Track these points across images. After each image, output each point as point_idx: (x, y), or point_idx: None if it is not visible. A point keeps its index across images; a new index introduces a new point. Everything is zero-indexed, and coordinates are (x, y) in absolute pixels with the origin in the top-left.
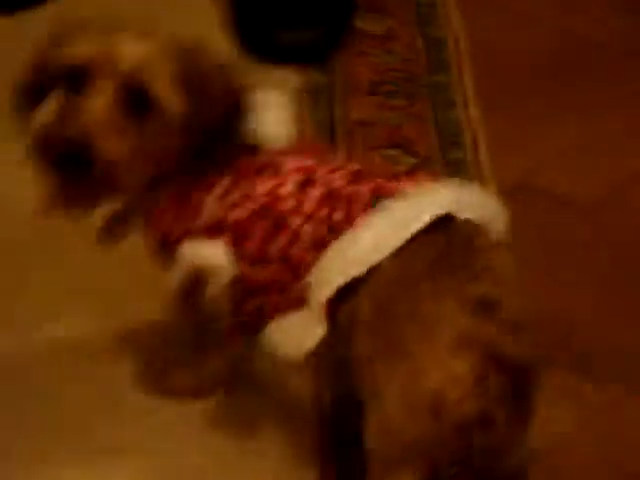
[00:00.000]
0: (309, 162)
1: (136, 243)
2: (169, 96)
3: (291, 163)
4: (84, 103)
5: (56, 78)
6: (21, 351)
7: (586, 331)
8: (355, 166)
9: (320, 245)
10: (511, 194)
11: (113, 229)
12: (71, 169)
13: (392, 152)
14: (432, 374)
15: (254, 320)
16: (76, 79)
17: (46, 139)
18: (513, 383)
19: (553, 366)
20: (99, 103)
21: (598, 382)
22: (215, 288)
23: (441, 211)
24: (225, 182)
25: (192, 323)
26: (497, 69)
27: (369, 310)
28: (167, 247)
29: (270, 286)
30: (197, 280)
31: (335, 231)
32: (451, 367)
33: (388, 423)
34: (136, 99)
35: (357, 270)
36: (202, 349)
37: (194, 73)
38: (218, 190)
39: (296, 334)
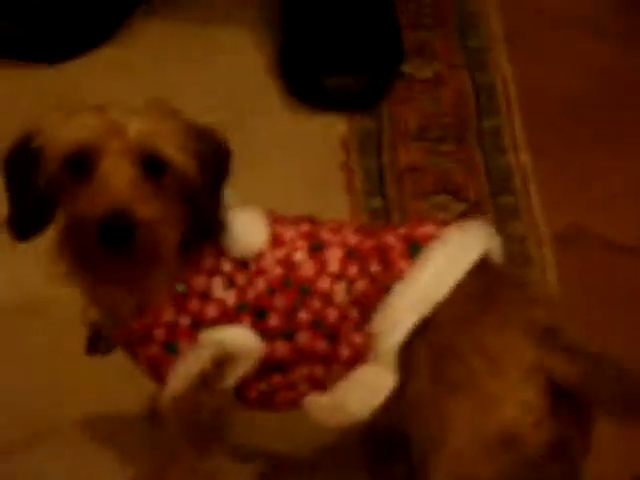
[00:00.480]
0: (304, 228)
1: None
2: (180, 156)
3: (288, 232)
4: (105, 180)
5: (51, 168)
6: None
7: None
8: (352, 225)
9: (364, 300)
10: (562, 239)
11: (99, 340)
12: (115, 244)
13: (441, 198)
14: (503, 404)
15: (267, 400)
16: (77, 163)
17: (82, 223)
18: (579, 408)
19: None
20: (121, 175)
21: None
22: (242, 370)
23: (484, 247)
24: (225, 267)
25: (197, 414)
26: (546, 114)
27: (425, 354)
28: (171, 344)
29: (298, 359)
30: (221, 366)
31: (378, 281)
32: (523, 395)
33: (459, 463)
34: (150, 165)
35: (424, 308)
36: (205, 443)
37: (192, 134)
38: (221, 275)
39: (364, 392)
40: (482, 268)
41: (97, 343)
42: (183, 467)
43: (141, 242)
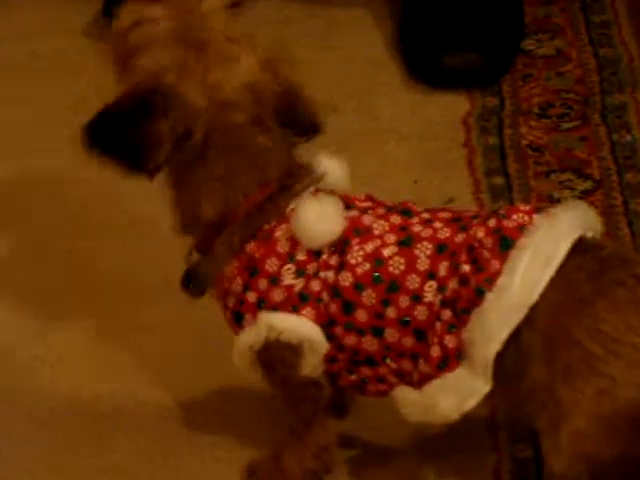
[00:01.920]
0: (395, 220)
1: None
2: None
3: (378, 225)
4: None
5: None
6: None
7: None
8: (443, 213)
9: (456, 301)
10: None
11: (190, 282)
12: None
13: (564, 176)
14: (625, 386)
15: (359, 388)
16: None
17: None
18: None
19: None
20: None
21: None
22: (311, 363)
23: (574, 236)
24: (299, 255)
25: (285, 396)
26: None
27: (539, 343)
28: (239, 314)
29: (387, 354)
30: (283, 353)
31: (468, 283)
32: None
33: (582, 444)
34: None
35: (519, 316)
36: (304, 423)
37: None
38: (286, 255)
39: (456, 394)
40: (585, 249)
41: (188, 284)
42: (296, 444)
43: None
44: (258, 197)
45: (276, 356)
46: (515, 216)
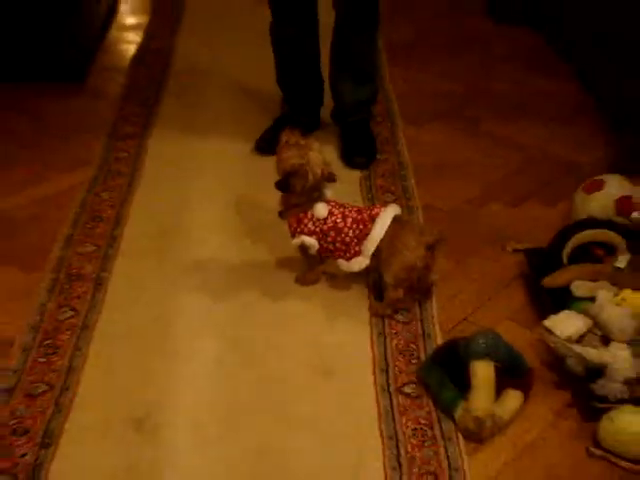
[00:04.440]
0: (341, 209)
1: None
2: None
3: (337, 211)
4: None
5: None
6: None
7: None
8: (355, 207)
9: (359, 238)
10: (424, 208)
11: (280, 215)
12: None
13: (388, 195)
14: (411, 256)
15: (329, 256)
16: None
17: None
18: (433, 251)
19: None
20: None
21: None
22: (313, 250)
23: (392, 215)
24: (313, 219)
25: (307, 258)
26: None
27: (384, 247)
28: (294, 233)
29: (336, 250)
30: (305, 247)
31: (363, 232)
32: (417, 253)
33: (395, 273)
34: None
35: (377, 242)
36: (312, 264)
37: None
38: (310, 220)
39: (357, 264)
40: (399, 220)
41: (281, 214)
42: (308, 272)
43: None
44: (304, 202)
45: (303, 246)
46: (376, 209)
